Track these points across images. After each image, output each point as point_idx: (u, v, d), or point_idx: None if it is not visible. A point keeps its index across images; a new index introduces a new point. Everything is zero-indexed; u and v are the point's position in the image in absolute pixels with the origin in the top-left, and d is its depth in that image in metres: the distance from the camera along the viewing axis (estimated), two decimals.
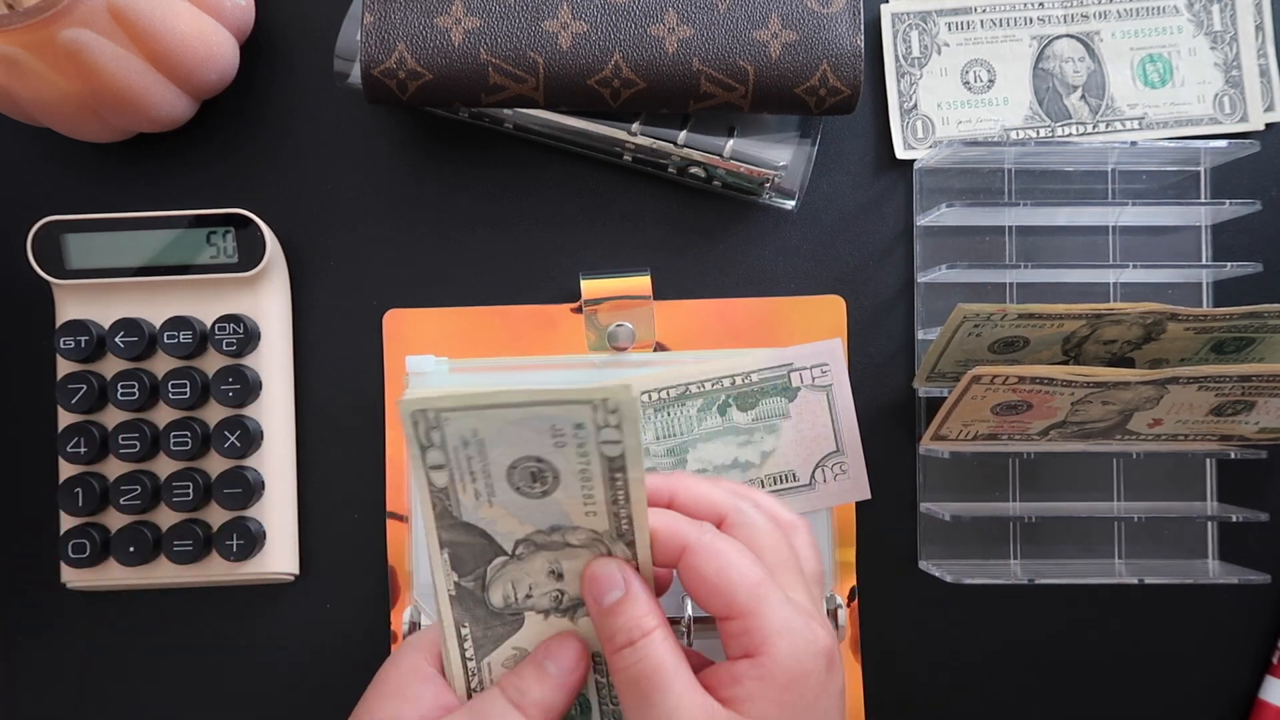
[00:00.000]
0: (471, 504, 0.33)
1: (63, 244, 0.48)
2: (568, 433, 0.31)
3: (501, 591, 0.34)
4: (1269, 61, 0.51)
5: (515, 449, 0.32)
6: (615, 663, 0.33)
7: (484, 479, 0.32)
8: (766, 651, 0.32)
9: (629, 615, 0.33)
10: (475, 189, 0.52)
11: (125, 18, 0.43)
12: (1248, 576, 0.48)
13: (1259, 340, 0.46)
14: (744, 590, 0.33)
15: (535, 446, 0.32)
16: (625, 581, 0.33)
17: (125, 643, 0.51)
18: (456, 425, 0.31)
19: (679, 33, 0.46)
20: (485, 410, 0.31)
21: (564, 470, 0.32)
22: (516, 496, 0.33)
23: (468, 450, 0.32)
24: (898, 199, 0.52)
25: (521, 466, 0.32)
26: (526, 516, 0.33)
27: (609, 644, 0.33)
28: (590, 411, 0.31)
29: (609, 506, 0.33)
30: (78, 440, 0.48)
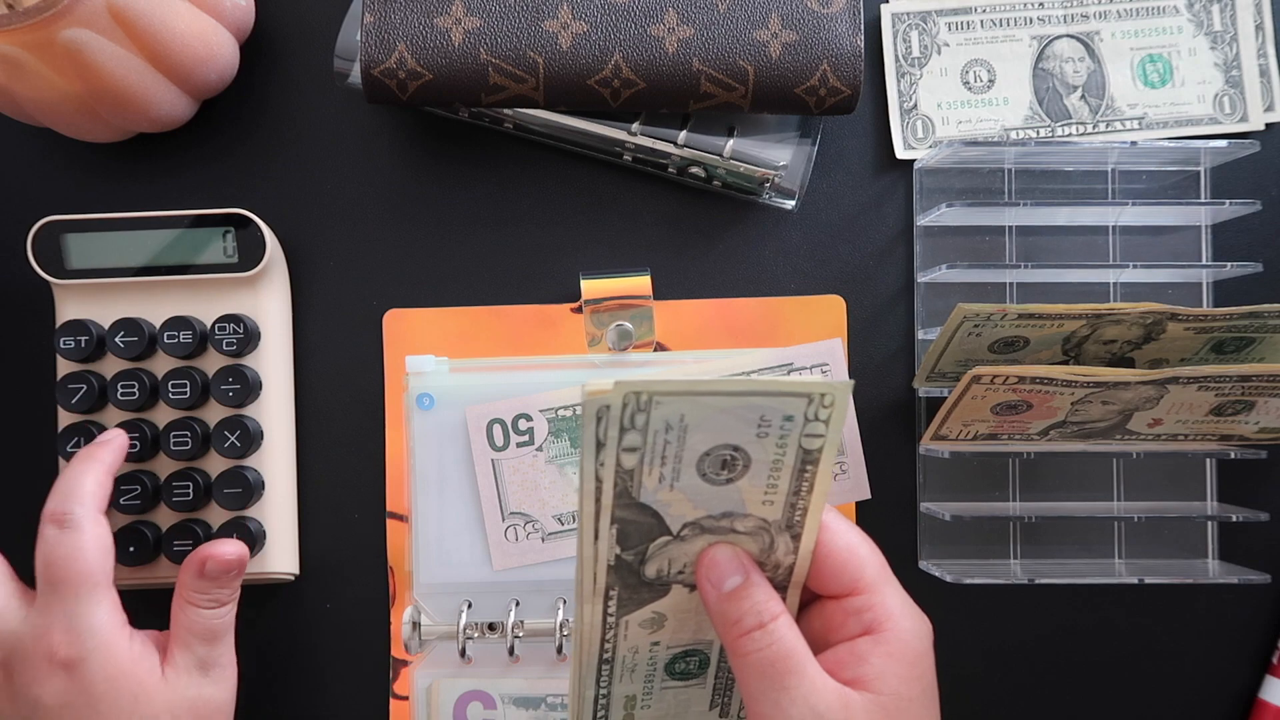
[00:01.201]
0: (653, 486, 0.33)
1: (63, 244, 0.48)
2: (774, 424, 0.32)
3: (656, 566, 0.35)
4: (1269, 61, 0.51)
5: (716, 436, 0.32)
6: (741, 646, 0.33)
7: (674, 463, 0.33)
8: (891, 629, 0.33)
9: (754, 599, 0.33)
10: (475, 189, 0.52)
11: (125, 18, 0.43)
12: (1248, 576, 0.48)
13: (1259, 340, 0.46)
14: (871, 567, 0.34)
15: (737, 435, 0.33)
16: (745, 569, 0.34)
17: None
18: (665, 410, 0.32)
19: (679, 33, 0.46)
20: (700, 397, 0.32)
21: (757, 459, 0.33)
22: (699, 482, 0.34)
23: (668, 435, 0.32)
24: (898, 199, 0.52)
25: (715, 454, 0.33)
26: (702, 502, 0.34)
27: (733, 628, 0.33)
28: (804, 405, 0.32)
29: (788, 498, 0.34)
30: (78, 440, 0.48)
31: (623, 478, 0.33)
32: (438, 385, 0.49)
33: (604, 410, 0.31)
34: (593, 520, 0.34)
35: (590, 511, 0.33)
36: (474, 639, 0.48)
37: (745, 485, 0.34)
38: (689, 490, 0.34)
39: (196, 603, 0.43)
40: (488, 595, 0.49)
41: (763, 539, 0.35)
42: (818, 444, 0.33)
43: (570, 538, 0.49)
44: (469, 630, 0.47)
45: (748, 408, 0.32)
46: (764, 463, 0.33)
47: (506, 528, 0.49)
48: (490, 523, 0.49)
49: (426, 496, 0.49)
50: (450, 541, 0.49)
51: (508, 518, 0.49)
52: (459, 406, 0.49)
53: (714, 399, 0.32)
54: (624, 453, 0.32)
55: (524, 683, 0.48)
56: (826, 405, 0.32)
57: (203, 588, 0.43)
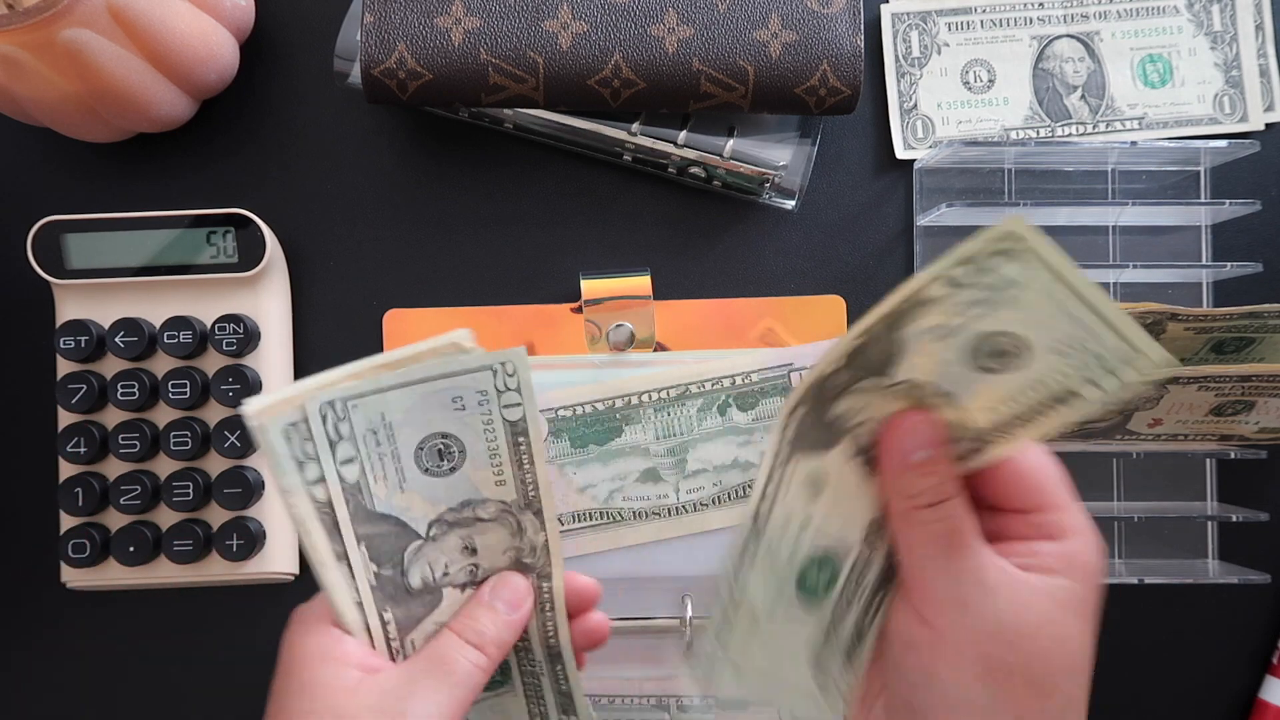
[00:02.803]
0: (384, 493, 0.34)
1: (63, 244, 0.48)
2: (470, 402, 0.33)
3: (420, 573, 0.35)
4: (1269, 61, 0.51)
5: (422, 427, 0.33)
6: (913, 518, 0.32)
7: (394, 464, 0.33)
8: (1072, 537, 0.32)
9: (935, 478, 0.32)
10: (475, 189, 0.52)
11: (125, 18, 0.43)
12: (1248, 576, 0.48)
13: (1259, 340, 0.46)
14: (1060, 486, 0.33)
15: (441, 422, 0.33)
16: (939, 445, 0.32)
17: (125, 643, 0.51)
18: (364, 412, 0.32)
19: (679, 33, 0.46)
20: (392, 391, 0.32)
21: (470, 441, 0.34)
22: (426, 478, 0.34)
23: (376, 437, 0.33)
24: (898, 199, 0.52)
25: (429, 445, 0.33)
26: (437, 496, 0.34)
27: (910, 499, 0.32)
28: (490, 378, 0.32)
29: (515, 473, 0.34)
30: (78, 440, 0.48)
31: (351, 493, 0.33)
32: None
33: (291, 429, 0.31)
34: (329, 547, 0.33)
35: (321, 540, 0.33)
36: None
37: (471, 471, 0.34)
38: (420, 488, 0.34)
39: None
40: None
41: (509, 522, 0.35)
42: (518, 414, 0.33)
43: (570, 537, 0.49)
44: None
45: (438, 390, 0.33)
46: (478, 444, 0.34)
47: None
48: None
49: None
50: None
51: None
52: None
53: (403, 391, 0.32)
54: (343, 466, 0.32)
55: None
56: (510, 373, 0.33)
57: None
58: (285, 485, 0.32)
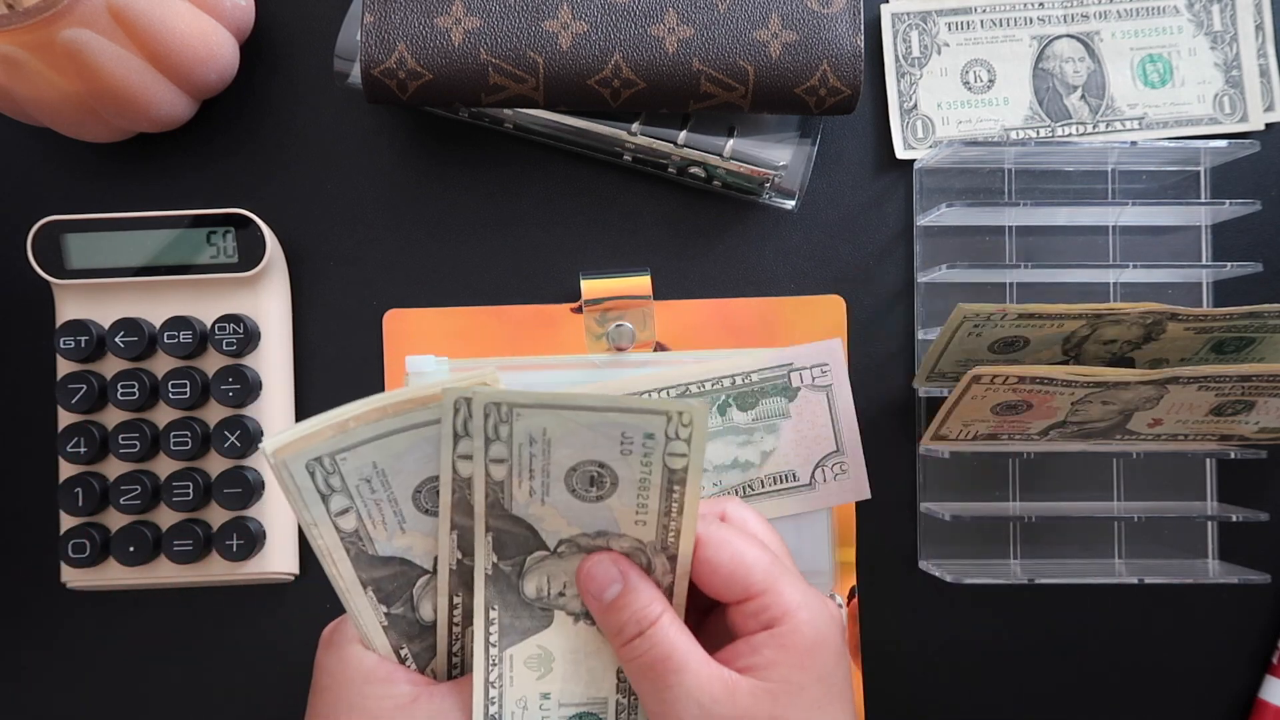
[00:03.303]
0: (524, 500, 0.33)
1: (63, 244, 0.48)
2: (636, 441, 0.32)
3: (535, 583, 0.35)
4: (1269, 61, 0.51)
5: (580, 452, 0.32)
6: (626, 654, 0.33)
7: (542, 477, 0.33)
8: (787, 621, 0.33)
9: (633, 607, 0.33)
10: (475, 189, 0.52)
11: (125, 18, 0.43)
12: (1248, 576, 0.48)
13: (1259, 340, 0.46)
14: (759, 570, 0.33)
15: (601, 451, 0.32)
16: (623, 574, 0.33)
17: (125, 643, 0.51)
18: (527, 422, 0.32)
19: (679, 33, 0.46)
20: (560, 410, 0.32)
21: (624, 477, 0.33)
22: (570, 498, 0.33)
23: (533, 448, 0.32)
24: (898, 199, 0.52)
25: (582, 470, 0.33)
26: (575, 519, 0.34)
27: (617, 639, 0.33)
28: (663, 423, 0.32)
29: (660, 518, 0.34)
30: (78, 440, 0.48)
31: (493, 489, 0.33)
32: None
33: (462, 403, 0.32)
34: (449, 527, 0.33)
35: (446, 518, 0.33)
36: None
37: (616, 504, 0.33)
38: (561, 506, 0.34)
39: None
40: None
41: (640, 559, 0.35)
42: (681, 464, 0.33)
43: None
44: None
45: (608, 424, 0.32)
46: (631, 481, 0.33)
47: None
48: None
49: None
50: None
51: None
52: None
53: (574, 413, 0.32)
54: (492, 464, 0.32)
55: None
56: (685, 424, 0.32)
57: None
58: (307, 518, 0.32)
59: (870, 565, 0.51)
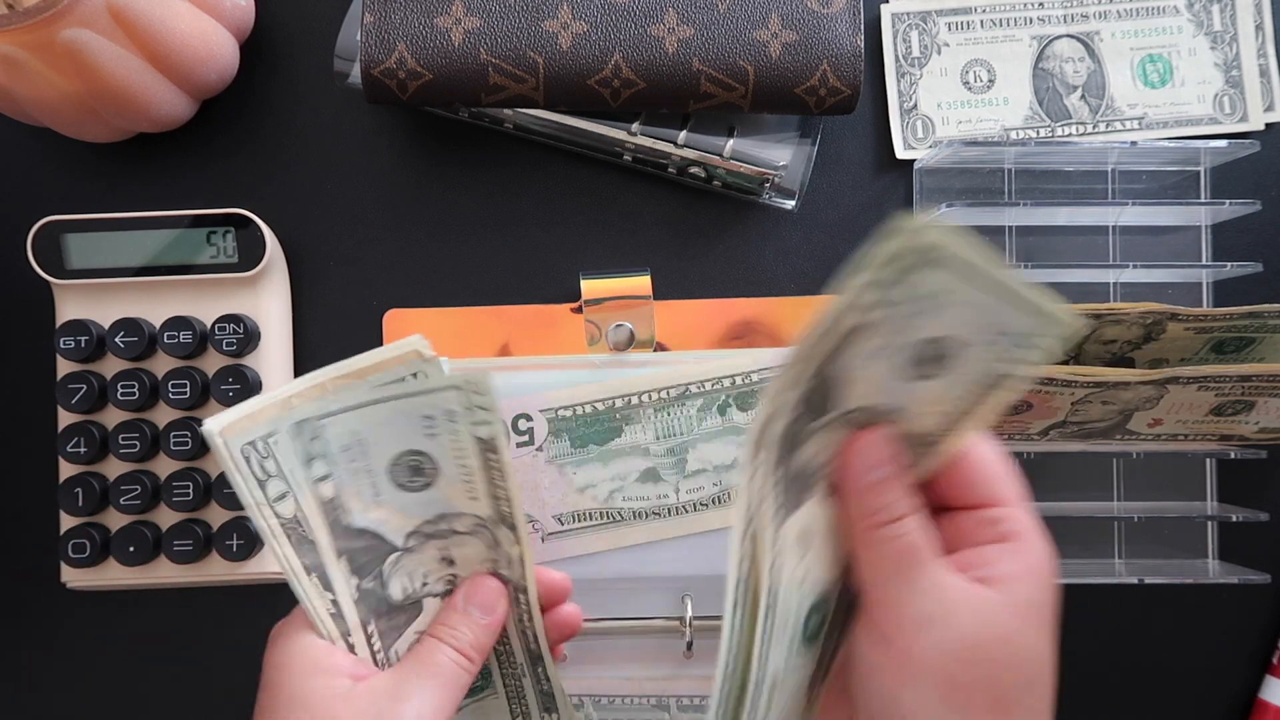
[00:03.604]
0: (360, 508, 0.34)
1: (63, 244, 0.48)
2: (439, 421, 0.33)
3: (400, 584, 0.36)
4: (1269, 61, 0.51)
5: (394, 444, 0.33)
6: (872, 537, 0.32)
7: (368, 479, 0.34)
8: (1024, 538, 0.32)
9: (894, 494, 0.32)
10: (475, 189, 0.52)
11: (125, 18, 0.43)
12: (1248, 576, 0.48)
13: (1259, 340, 0.46)
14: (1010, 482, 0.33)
15: (412, 439, 0.33)
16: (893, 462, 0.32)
17: (125, 643, 0.51)
18: (337, 429, 0.32)
19: (679, 33, 0.46)
20: (361, 409, 0.32)
21: (441, 459, 0.34)
22: (401, 493, 0.34)
23: (350, 453, 0.33)
24: (898, 199, 0.52)
25: (402, 461, 0.34)
26: (413, 510, 0.35)
27: (865, 519, 0.32)
28: (458, 396, 0.32)
29: (488, 489, 0.34)
30: (78, 440, 0.48)
31: (328, 509, 0.33)
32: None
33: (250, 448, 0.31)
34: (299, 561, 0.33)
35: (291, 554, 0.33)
36: None
37: (445, 486, 0.34)
38: (395, 502, 0.34)
39: None
40: None
41: (485, 535, 0.35)
42: (488, 431, 0.33)
43: (570, 537, 0.49)
44: None
45: (408, 411, 0.33)
46: (450, 461, 0.34)
47: None
48: None
49: None
50: None
51: None
52: None
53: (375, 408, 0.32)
54: (319, 483, 0.33)
55: None
56: (478, 392, 0.32)
57: None
58: (248, 501, 0.32)
59: None
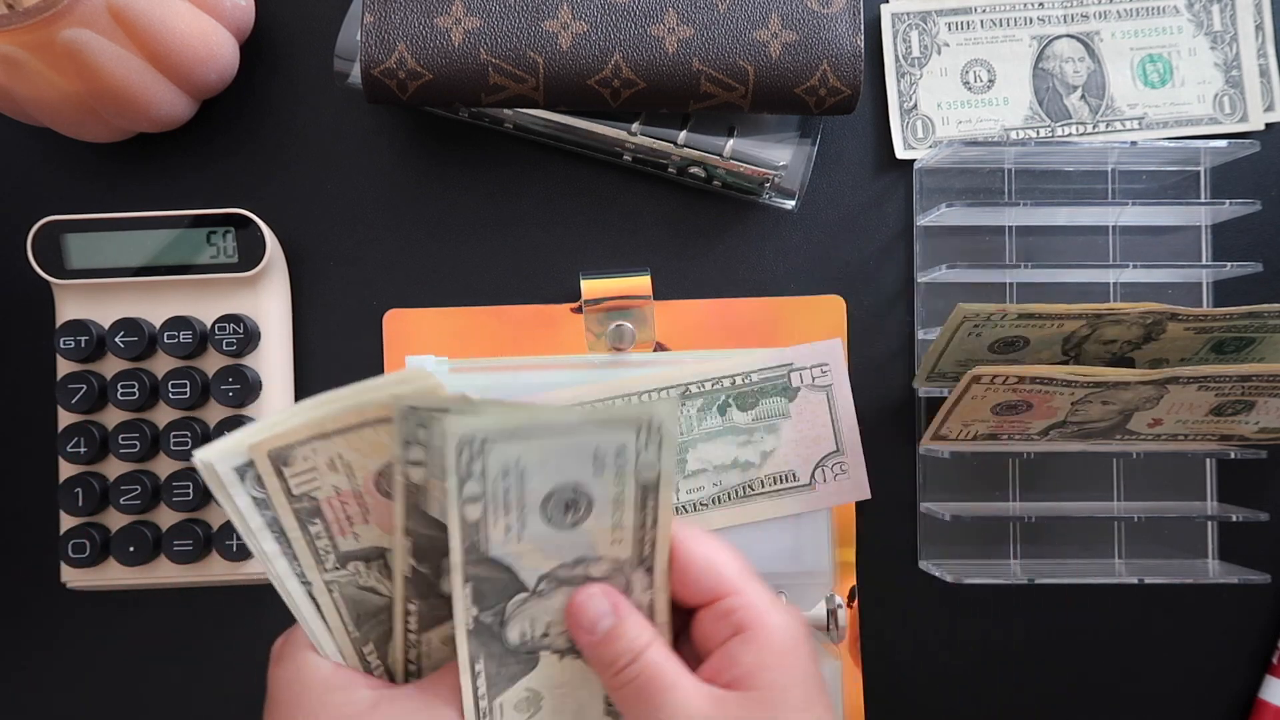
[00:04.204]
0: (501, 538, 0.32)
1: (63, 244, 0.48)
2: (609, 458, 0.31)
3: (519, 629, 0.34)
4: (1269, 61, 0.51)
5: (554, 477, 0.31)
6: (616, 683, 0.33)
7: (518, 511, 0.32)
8: (761, 624, 0.33)
9: (627, 638, 0.33)
10: (475, 189, 0.52)
11: (125, 18, 0.43)
12: (1248, 576, 0.48)
13: (1259, 340, 0.46)
14: (731, 570, 0.34)
15: (574, 473, 0.31)
16: (614, 607, 0.33)
17: (125, 643, 0.51)
18: (500, 454, 0.30)
19: (679, 33, 0.46)
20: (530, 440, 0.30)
21: (599, 497, 0.32)
22: (547, 529, 0.32)
23: (506, 480, 0.31)
24: (898, 199, 0.52)
25: (557, 496, 0.32)
26: (553, 550, 0.33)
27: (608, 671, 0.33)
28: (633, 435, 0.31)
29: (635, 532, 0.33)
30: (78, 440, 0.48)
31: (469, 531, 0.31)
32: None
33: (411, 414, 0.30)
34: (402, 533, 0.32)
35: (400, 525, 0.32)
36: None
37: (593, 527, 0.32)
38: (537, 539, 0.32)
39: None
40: None
41: (619, 581, 0.34)
42: (653, 474, 0.32)
43: None
44: None
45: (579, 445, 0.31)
46: (606, 500, 0.32)
47: None
48: None
49: None
50: None
51: None
52: None
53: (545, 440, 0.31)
54: (467, 504, 0.31)
55: None
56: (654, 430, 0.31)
57: None
58: (251, 526, 0.32)
59: (870, 565, 0.51)
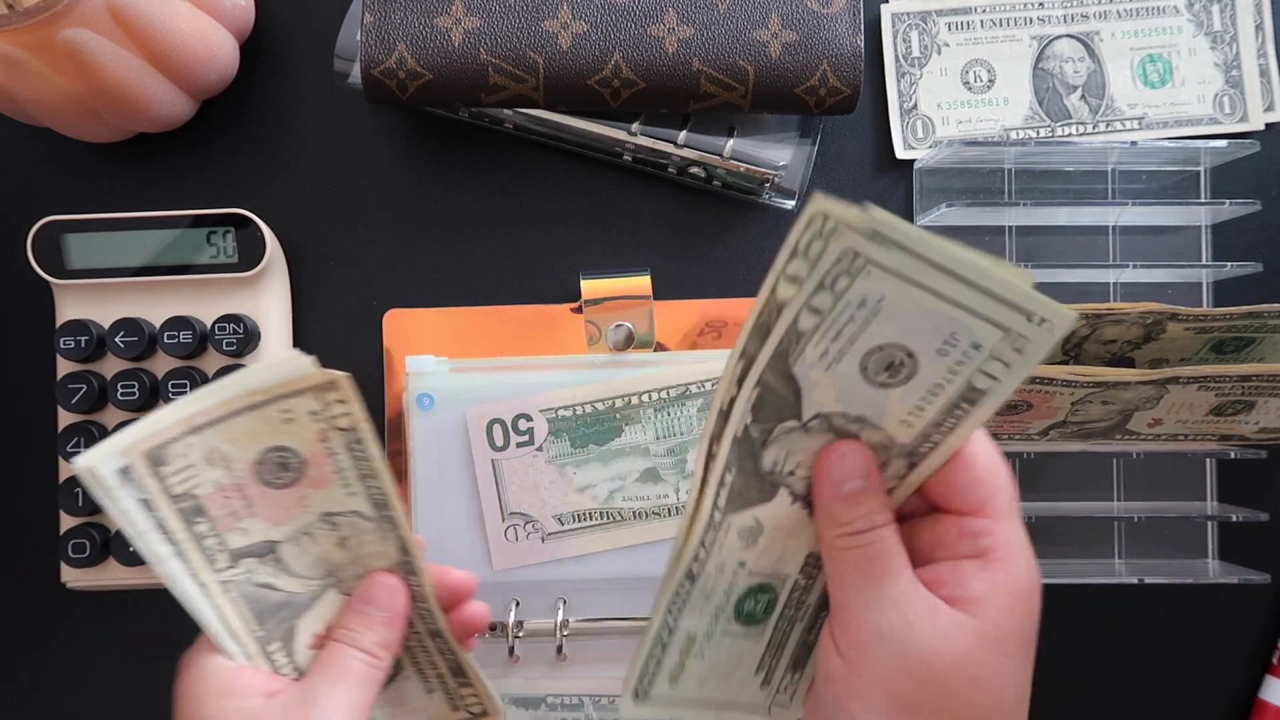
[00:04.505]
0: (812, 360, 0.30)
1: (63, 244, 0.48)
2: (960, 345, 0.29)
3: (774, 456, 0.32)
4: (1269, 61, 0.51)
5: (900, 334, 0.29)
6: (844, 543, 0.31)
7: (844, 344, 0.30)
8: (1005, 559, 0.31)
9: (869, 507, 0.31)
10: (475, 189, 0.52)
11: (125, 18, 0.43)
12: (1248, 576, 0.48)
13: (1259, 340, 0.46)
14: (1006, 494, 0.32)
15: (920, 340, 0.29)
16: (869, 474, 0.32)
17: (125, 643, 0.51)
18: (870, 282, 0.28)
19: (679, 33, 0.46)
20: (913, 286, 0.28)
21: (923, 375, 0.30)
22: (856, 375, 0.30)
23: (860, 310, 0.29)
24: (898, 199, 0.52)
25: (888, 351, 0.30)
26: (846, 398, 0.31)
27: (841, 527, 0.31)
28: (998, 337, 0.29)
29: (929, 426, 0.31)
30: (78, 440, 0.48)
31: (789, 338, 0.29)
32: (438, 385, 0.49)
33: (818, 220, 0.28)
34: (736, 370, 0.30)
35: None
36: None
37: (896, 397, 0.31)
38: (841, 378, 0.30)
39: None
40: (488, 595, 0.49)
41: (881, 456, 0.32)
42: (986, 384, 0.30)
43: (570, 537, 0.49)
44: None
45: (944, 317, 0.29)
46: (928, 381, 0.30)
47: (506, 528, 0.49)
48: (490, 523, 0.49)
49: (426, 497, 0.49)
50: (450, 541, 0.49)
51: (508, 518, 0.49)
52: (459, 407, 0.49)
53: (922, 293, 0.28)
54: (806, 312, 0.29)
55: (524, 683, 0.48)
56: (1018, 345, 0.29)
57: None
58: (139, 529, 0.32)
59: None
